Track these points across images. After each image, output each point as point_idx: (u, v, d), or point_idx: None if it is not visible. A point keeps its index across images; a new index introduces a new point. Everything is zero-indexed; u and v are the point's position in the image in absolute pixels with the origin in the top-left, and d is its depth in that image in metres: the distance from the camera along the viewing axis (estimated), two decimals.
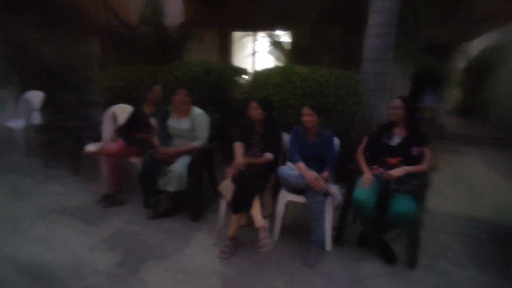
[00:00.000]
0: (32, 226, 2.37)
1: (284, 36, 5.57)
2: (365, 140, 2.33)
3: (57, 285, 1.77)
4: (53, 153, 3.72)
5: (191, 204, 2.60)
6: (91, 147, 3.06)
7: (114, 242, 2.22)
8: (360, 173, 2.19)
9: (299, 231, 2.47)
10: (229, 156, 2.39)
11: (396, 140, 2.18)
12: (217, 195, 2.88)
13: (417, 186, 2.01)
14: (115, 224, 2.47)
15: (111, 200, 2.75)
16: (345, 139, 2.83)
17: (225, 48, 6.96)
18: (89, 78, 6.45)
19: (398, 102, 2.18)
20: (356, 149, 2.36)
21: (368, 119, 3.29)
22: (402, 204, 1.93)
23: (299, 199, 2.23)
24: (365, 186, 2.05)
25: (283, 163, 2.47)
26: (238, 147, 2.41)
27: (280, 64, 5.31)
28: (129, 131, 2.87)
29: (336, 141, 2.44)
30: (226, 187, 2.24)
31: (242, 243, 2.25)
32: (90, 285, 1.78)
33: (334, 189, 2.17)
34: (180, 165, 2.40)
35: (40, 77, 5.92)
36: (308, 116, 2.27)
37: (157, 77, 3.99)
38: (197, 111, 2.62)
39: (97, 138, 3.35)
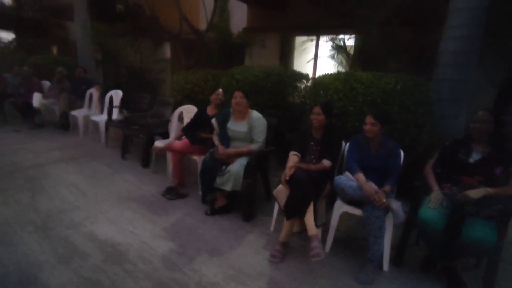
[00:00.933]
0: (108, 209, 2.72)
1: (348, 40, 5.36)
2: (436, 155, 2.11)
3: (127, 264, 1.99)
4: (128, 146, 4.21)
5: (245, 204, 2.68)
6: (159, 143, 3.39)
7: (174, 232, 2.42)
8: (427, 190, 2.00)
9: (353, 245, 2.36)
10: (284, 160, 2.40)
11: (475, 157, 1.93)
12: (269, 198, 2.92)
13: (500, 212, 1.75)
14: (176, 215, 2.68)
15: (174, 193, 2.99)
16: (410, 152, 2.60)
17: (286, 53, 7.00)
18: (162, 80, 7.17)
19: (486, 115, 1.90)
20: (423, 163, 2.15)
21: (440, 131, 2.97)
22: (479, 230, 1.69)
23: (356, 211, 2.13)
24: (433, 206, 1.86)
25: (340, 172, 2.39)
26: (292, 157, 2.35)
27: (342, 69, 5.13)
28: (193, 130, 3.10)
29: (401, 153, 2.27)
30: (281, 191, 2.26)
31: (292, 249, 2.24)
32: (154, 268, 1.97)
33: (396, 205, 2.01)
34: (237, 166, 2.50)
35: (122, 78, 6.81)
36: (370, 125, 2.16)
37: (221, 80, 4.23)
38: (255, 114, 2.70)
39: (165, 135, 3.71)
